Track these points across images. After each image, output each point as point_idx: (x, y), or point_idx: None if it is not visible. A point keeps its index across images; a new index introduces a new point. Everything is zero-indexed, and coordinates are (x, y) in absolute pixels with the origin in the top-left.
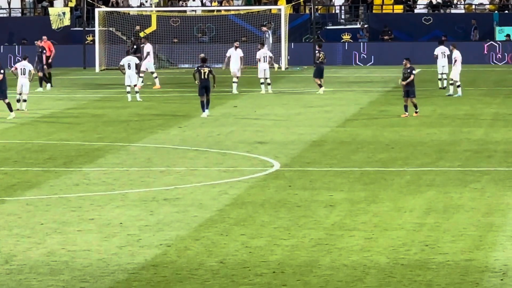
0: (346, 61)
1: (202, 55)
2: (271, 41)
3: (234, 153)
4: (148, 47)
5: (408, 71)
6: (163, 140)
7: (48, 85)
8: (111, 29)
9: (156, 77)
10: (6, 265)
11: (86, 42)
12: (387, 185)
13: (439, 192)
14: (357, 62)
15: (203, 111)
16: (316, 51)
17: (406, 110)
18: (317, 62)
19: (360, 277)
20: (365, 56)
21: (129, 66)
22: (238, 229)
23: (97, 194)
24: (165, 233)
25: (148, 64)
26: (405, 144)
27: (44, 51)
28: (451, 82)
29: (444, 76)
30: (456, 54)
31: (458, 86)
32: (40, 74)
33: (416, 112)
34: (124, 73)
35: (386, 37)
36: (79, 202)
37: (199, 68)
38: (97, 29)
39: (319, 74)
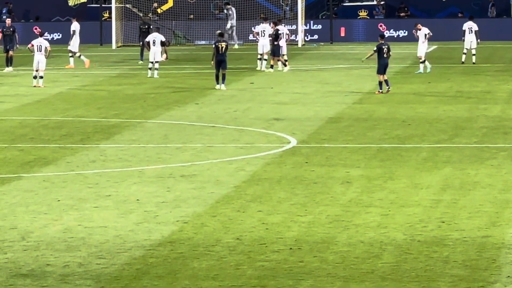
0: (363, 37)
1: (219, 31)
2: (234, 18)
3: (250, 130)
4: (74, 26)
5: (386, 46)
6: (180, 117)
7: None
8: (127, 5)
9: (72, 56)
10: (23, 241)
11: (103, 18)
12: (404, 161)
13: (455, 169)
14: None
15: (217, 83)
16: (274, 31)
17: (381, 87)
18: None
19: (377, 253)
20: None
21: (154, 42)
22: (255, 205)
23: (114, 170)
24: (181, 210)
25: (74, 43)
26: (421, 121)
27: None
28: (420, 60)
29: (473, 52)
30: (425, 31)
31: (422, 62)
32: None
33: (388, 90)
34: (149, 50)
35: (402, 14)
36: (95, 179)
37: (216, 43)
38: (113, 5)
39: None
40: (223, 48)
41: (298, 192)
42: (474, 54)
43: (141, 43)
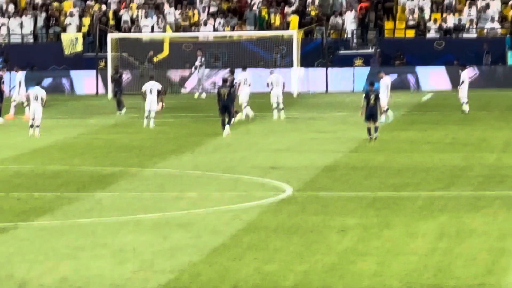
0: (359, 85)
1: (224, 76)
2: (204, 68)
3: (247, 178)
4: (20, 76)
5: (375, 94)
6: (176, 165)
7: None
8: (123, 54)
9: (15, 106)
10: None
11: (99, 67)
12: (400, 210)
13: (451, 217)
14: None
15: (223, 128)
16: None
17: (369, 133)
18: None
19: None
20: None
21: (150, 91)
22: (251, 254)
23: (110, 219)
24: (178, 258)
25: (18, 92)
26: (417, 169)
27: (3, 80)
28: (384, 109)
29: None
30: (387, 81)
31: (385, 111)
32: None
33: (375, 137)
34: (145, 98)
35: (397, 62)
36: (92, 228)
37: (219, 89)
38: (109, 54)
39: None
40: (226, 94)
41: (294, 240)
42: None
43: (115, 93)
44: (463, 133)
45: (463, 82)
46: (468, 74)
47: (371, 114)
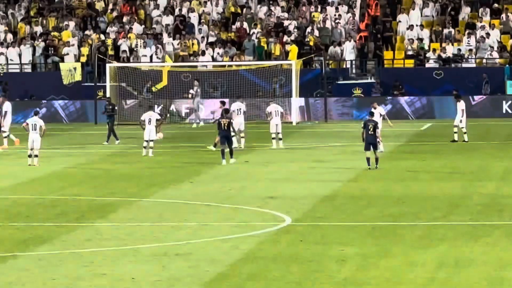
0: (358, 115)
1: (225, 107)
2: (199, 98)
3: (245, 208)
4: (6, 106)
5: (373, 123)
6: (175, 195)
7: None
8: (122, 84)
9: (5, 137)
10: None
11: (98, 97)
12: (399, 239)
13: (450, 246)
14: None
15: (223, 158)
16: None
17: (368, 163)
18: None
19: None
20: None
21: (149, 121)
22: (250, 284)
23: (109, 249)
24: None
25: (6, 123)
26: (416, 198)
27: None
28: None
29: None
30: (380, 111)
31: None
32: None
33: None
34: (144, 128)
35: (397, 92)
36: (91, 257)
37: (220, 120)
38: (108, 84)
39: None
40: (226, 125)
41: (293, 270)
42: (465, 132)
43: (108, 123)
44: (462, 163)
45: (462, 112)
46: (463, 104)
47: (370, 143)
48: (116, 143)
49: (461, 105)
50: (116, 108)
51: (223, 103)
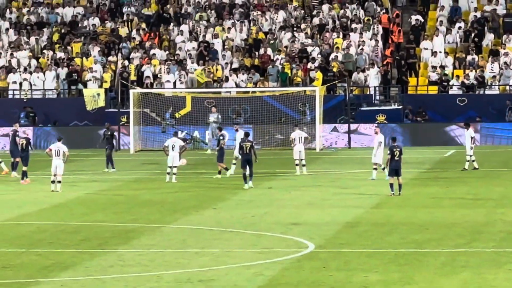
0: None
1: (246, 131)
2: (214, 125)
3: (268, 235)
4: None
5: (399, 149)
6: (198, 222)
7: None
8: (145, 110)
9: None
10: None
11: (121, 123)
12: (422, 266)
13: (473, 273)
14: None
15: (245, 183)
16: (220, 136)
17: (392, 189)
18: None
19: None
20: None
21: (173, 147)
22: None
23: (132, 275)
24: None
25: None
26: (439, 225)
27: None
28: (374, 166)
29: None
30: (380, 139)
31: (383, 169)
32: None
33: (399, 194)
34: (168, 154)
35: (420, 118)
36: (114, 284)
37: (241, 143)
38: (131, 110)
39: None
40: (248, 148)
41: None
42: (474, 160)
43: (106, 149)
44: (484, 189)
45: (474, 140)
46: (472, 132)
47: (395, 169)
48: (111, 171)
49: (469, 133)
50: (115, 134)
51: (220, 129)
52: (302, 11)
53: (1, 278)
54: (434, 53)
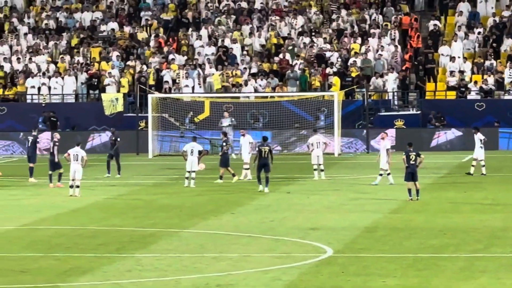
0: (400, 147)
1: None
2: (231, 130)
3: (287, 239)
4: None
5: (415, 154)
6: (216, 226)
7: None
8: (164, 115)
9: None
10: None
11: (139, 128)
12: (440, 271)
13: (491, 278)
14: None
15: (259, 184)
16: (223, 142)
17: (410, 194)
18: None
19: None
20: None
21: (191, 152)
22: None
23: (149, 280)
24: None
25: None
26: (457, 230)
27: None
28: (381, 172)
29: (481, 163)
30: (386, 145)
31: (380, 175)
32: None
33: (417, 199)
34: (186, 159)
35: (438, 124)
36: None
37: (260, 147)
38: (150, 115)
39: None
40: (266, 152)
41: None
42: (483, 166)
43: (108, 155)
44: (502, 194)
45: (481, 144)
46: (481, 136)
47: (411, 173)
48: (106, 176)
49: (479, 136)
50: (118, 139)
51: (224, 134)
52: (321, 16)
53: (20, 282)
54: (452, 59)
